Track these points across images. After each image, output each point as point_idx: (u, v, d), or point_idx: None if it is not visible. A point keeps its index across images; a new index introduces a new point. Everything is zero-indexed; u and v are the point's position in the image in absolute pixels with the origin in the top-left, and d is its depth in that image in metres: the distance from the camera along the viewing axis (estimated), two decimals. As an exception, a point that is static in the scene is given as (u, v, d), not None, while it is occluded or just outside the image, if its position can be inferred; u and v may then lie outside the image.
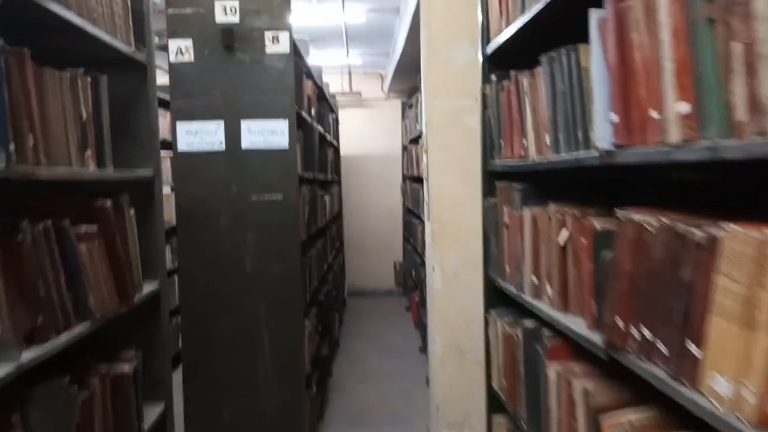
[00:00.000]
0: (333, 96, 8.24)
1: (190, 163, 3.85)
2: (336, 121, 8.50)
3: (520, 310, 2.52)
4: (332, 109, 7.54)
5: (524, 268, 2.28)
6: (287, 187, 3.84)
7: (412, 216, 8.19)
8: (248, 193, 3.84)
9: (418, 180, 7.58)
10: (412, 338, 7.37)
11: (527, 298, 2.24)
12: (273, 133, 3.84)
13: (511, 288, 2.56)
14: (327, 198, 5.98)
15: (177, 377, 3.75)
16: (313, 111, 5.01)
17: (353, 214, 10.04)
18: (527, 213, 2.20)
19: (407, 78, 8.50)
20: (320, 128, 5.62)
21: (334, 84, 9.12)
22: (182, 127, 3.84)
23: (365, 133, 10.06)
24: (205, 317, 3.85)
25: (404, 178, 9.69)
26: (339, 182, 8.89)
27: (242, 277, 3.85)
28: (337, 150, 8.58)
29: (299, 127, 4.27)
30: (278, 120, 3.84)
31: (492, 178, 3.14)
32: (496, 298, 3.05)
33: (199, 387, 3.86)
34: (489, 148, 3.18)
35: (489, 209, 3.10)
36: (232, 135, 3.84)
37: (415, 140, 7.25)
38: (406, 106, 8.47)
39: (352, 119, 9.89)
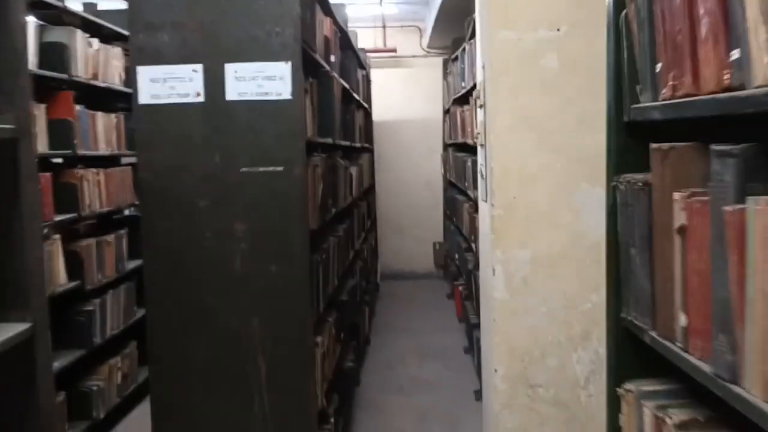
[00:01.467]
0: (363, 50, 7.08)
1: (155, 123, 2.76)
2: (367, 80, 7.34)
3: (681, 380, 1.33)
4: (362, 65, 6.38)
5: (736, 324, 0.99)
6: (290, 154, 2.74)
7: (456, 190, 7.03)
8: (236, 163, 2.75)
9: (464, 148, 6.41)
10: (456, 335, 6.27)
11: (750, 395, 0.96)
12: (270, 80, 2.72)
13: (687, 357, 1.18)
14: (353, 170, 4.86)
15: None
16: (332, 57, 3.88)
17: (387, 187, 8.91)
18: (758, 208, 0.93)
19: (450, 29, 7.28)
20: (344, 83, 4.48)
21: (365, 40, 7.95)
22: (145, 72, 2.75)
23: (401, 95, 8.88)
24: (179, 338, 2.80)
25: (445, 146, 8.51)
26: (371, 150, 7.76)
27: (229, 282, 2.78)
28: (368, 114, 7.44)
29: (310, 74, 3.14)
30: (277, 62, 2.72)
31: (633, 136, 1.80)
32: (632, 357, 1.61)
33: None
34: (627, 87, 1.94)
35: (628, 195, 1.51)
36: (214, 83, 2.74)
37: (461, 100, 6.07)
38: (449, 62, 7.27)
39: (386, 80, 8.71)
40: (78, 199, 3.93)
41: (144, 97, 2.75)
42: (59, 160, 4.13)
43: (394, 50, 8.57)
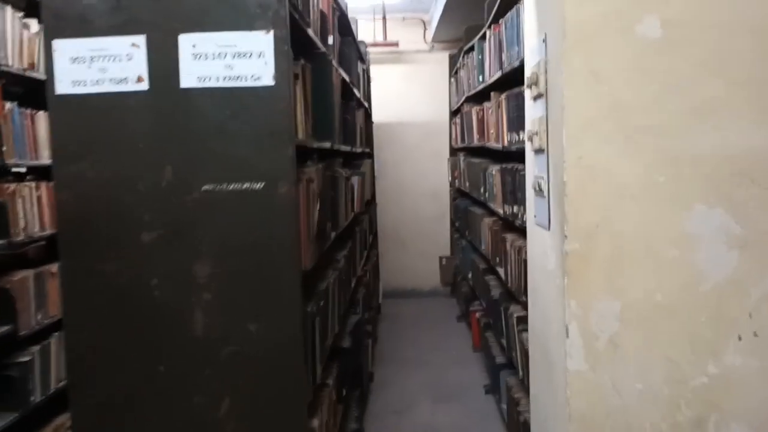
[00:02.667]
0: (363, 43, 6.25)
1: (79, 122, 1.93)
2: (367, 76, 6.51)
3: None
4: (362, 57, 5.55)
5: None
6: (274, 165, 1.91)
7: (468, 201, 6.21)
8: (196, 178, 1.92)
9: (480, 152, 5.59)
10: (473, 369, 5.44)
11: None
12: (243, 57, 1.90)
13: None
14: (355, 180, 4.02)
15: None
16: (330, 39, 3.05)
17: (388, 196, 8.08)
18: None
19: (460, 19, 6.47)
20: (344, 73, 3.65)
21: (363, 32, 7.13)
22: (63, 48, 1.92)
23: (403, 94, 8.05)
24: (117, 429, 1.95)
25: (453, 150, 7.69)
26: (371, 156, 6.93)
27: (188, 348, 1.94)
28: (368, 114, 6.61)
29: (301, 54, 2.31)
30: (254, 31, 1.89)
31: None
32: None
33: None
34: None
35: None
36: (163, 62, 1.92)
37: (477, 97, 5.25)
38: (460, 56, 6.46)
39: (387, 77, 7.89)
40: (7, 222, 3.08)
41: (63, 85, 1.92)
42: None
43: (396, 44, 7.75)
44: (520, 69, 3.01)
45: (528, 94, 2.33)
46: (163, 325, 1.94)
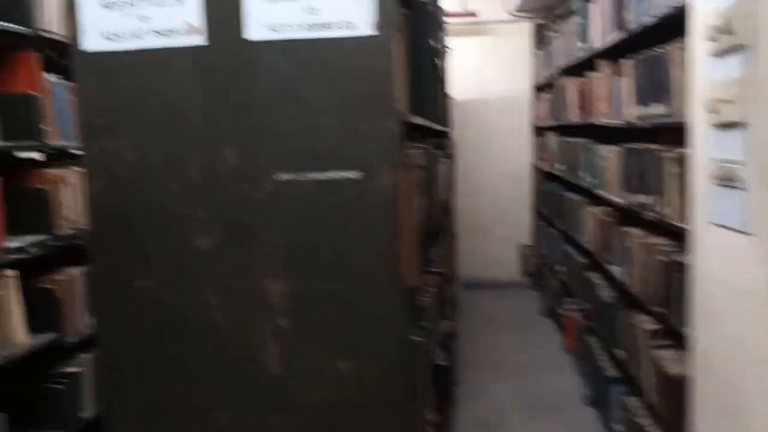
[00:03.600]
0: (441, 10, 5.66)
1: (115, 87, 1.45)
2: (444, 48, 5.92)
3: None
4: (441, 25, 4.96)
5: None
6: (373, 147, 1.39)
7: (561, 186, 5.57)
8: (266, 164, 1.42)
9: (578, 131, 4.94)
10: (566, 375, 4.85)
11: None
12: (331, -3, 1.37)
13: None
14: (445, 165, 3.47)
15: None
16: (425, -9, 2.50)
17: (465, 179, 7.48)
18: None
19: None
20: (432, 41, 3.08)
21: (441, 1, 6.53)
22: (93, -10, 1.44)
23: (480, 68, 7.41)
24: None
25: (538, 129, 7.03)
26: (449, 135, 6.35)
27: (255, 391, 1.45)
28: (446, 89, 6.02)
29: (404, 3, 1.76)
30: (346, -39, 1.36)
31: None
32: None
33: None
34: None
35: None
36: (223, 6, 1.40)
37: (573, 70, 4.61)
38: (552, 24, 5.80)
39: (463, 50, 7.26)
40: (48, 212, 2.67)
41: (91, 39, 1.44)
42: (27, 156, 2.89)
43: (474, 15, 7.11)
44: (656, 26, 2.40)
45: (706, 49, 1.73)
46: (225, 360, 1.46)
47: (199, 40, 1.41)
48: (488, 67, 7.43)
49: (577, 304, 4.87)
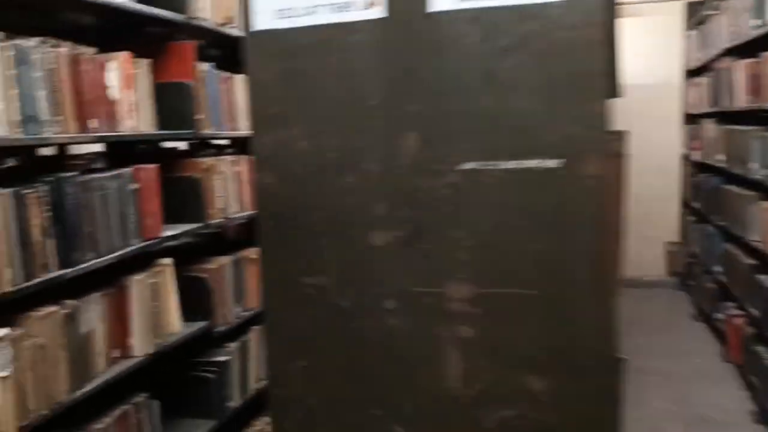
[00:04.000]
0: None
1: (289, 69, 1.34)
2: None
3: None
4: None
5: None
6: (578, 130, 1.19)
7: (721, 178, 5.07)
8: (453, 152, 1.26)
9: (732, 118, 4.45)
10: (726, 384, 4.41)
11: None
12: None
13: None
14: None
15: None
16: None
17: None
18: None
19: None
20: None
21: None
22: (266, -37, 1.33)
23: (625, 53, 6.92)
24: None
25: (691, 117, 6.48)
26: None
27: (435, 406, 1.31)
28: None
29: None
30: None
31: None
32: None
33: None
34: None
35: None
36: (406, -26, 1.25)
37: (742, 50, 4.13)
38: (703, 6, 5.28)
39: None
40: (202, 202, 2.66)
41: (263, 17, 1.33)
42: (175, 146, 2.91)
43: (619, -6, 6.63)
44: None
45: None
46: (401, 369, 1.31)
47: (378, 12, 1.26)
48: (634, 51, 6.92)
49: (740, 309, 4.40)
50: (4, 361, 1.73)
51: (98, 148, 2.74)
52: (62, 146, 2.71)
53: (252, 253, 3.08)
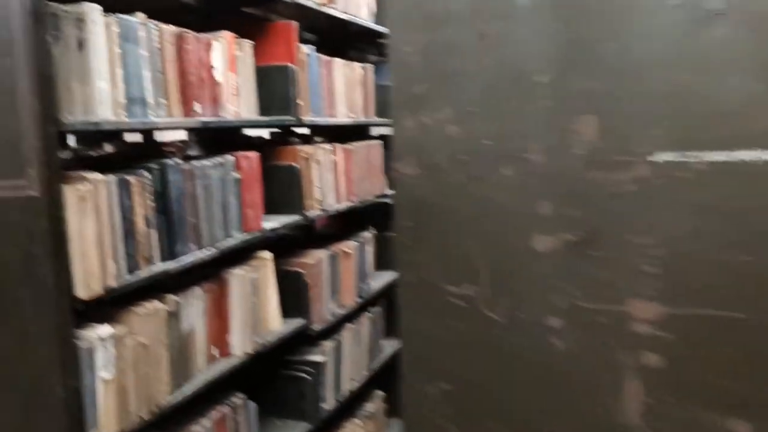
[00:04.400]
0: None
1: (440, 44, 1.14)
2: None
3: None
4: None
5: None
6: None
7: None
8: (640, 140, 1.02)
9: None
10: None
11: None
12: None
13: None
14: None
15: None
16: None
17: None
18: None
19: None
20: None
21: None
22: None
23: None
24: None
25: None
26: None
27: (610, 449, 1.08)
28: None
29: None
30: None
31: None
32: None
33: None
34: None
35: None
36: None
37: None
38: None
39: None
40: (301, 192, 2.51)
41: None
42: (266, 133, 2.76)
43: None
44: None
45: None
46: (564, 398, 1.10)
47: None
48: None
49: None
50: (106, 362, 1.62)
51: (182, 134, 2.62)
52: (148, 132, 2.60)
53: (347, 247, 2.92)
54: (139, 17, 1.78)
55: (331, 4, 2.70)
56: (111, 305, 1.72)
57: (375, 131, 3.60)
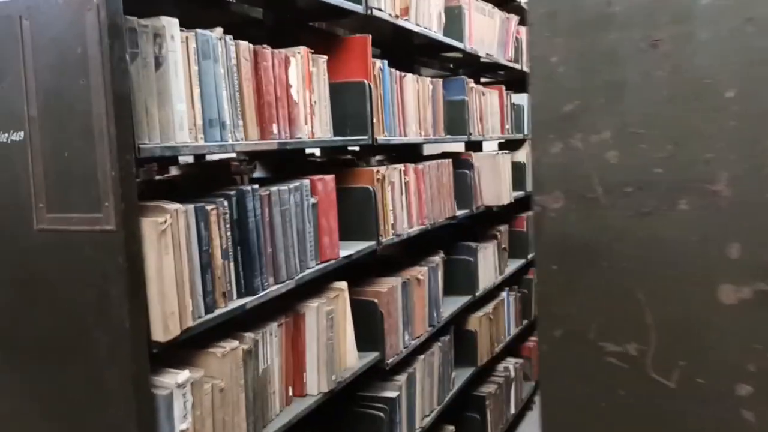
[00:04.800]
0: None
1: (597, 50, 0.95)
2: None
3: None
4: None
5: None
6: None
7: None
8: None
9: None
10: None
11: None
12: None
13: None
14: None
15: None
16: None
17: None
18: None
19: None
20: None
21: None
22: None
23: None
24: None
25: None
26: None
27: None
28: None
29: None
30: None
31: None
32: None
33: None
34: None
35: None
36: None
37: None
38: None
39: None
40: (378, 218, 2.35)
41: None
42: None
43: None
44: None
45: None
46: None
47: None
48: None
49: None
50: (183, 412, 1.46)
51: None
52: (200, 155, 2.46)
53: (419, 273, 2.74)
54: (217, 32, 1.64)
55: (405, 17, 2.54)
56: (186, 345, 1.57)
57: (438, 149, 3.44)
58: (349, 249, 2.20)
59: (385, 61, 2.47)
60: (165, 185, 2.09)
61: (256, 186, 1.75)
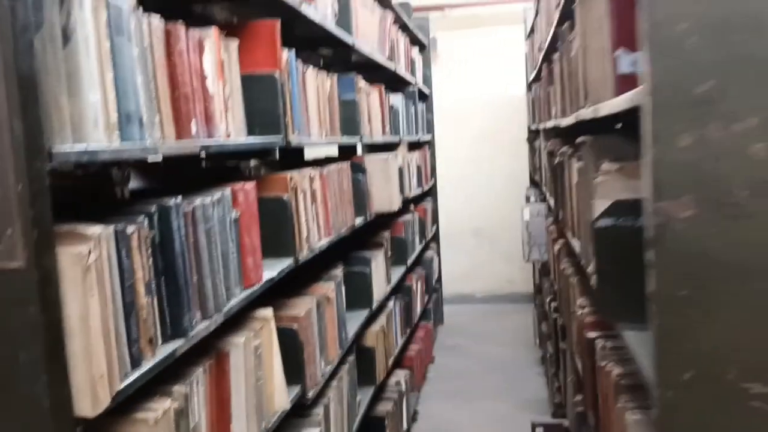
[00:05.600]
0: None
1: (729, 16, 0.75)
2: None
3: None
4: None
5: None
6: None
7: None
8: None
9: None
10: None
11: None
12: None
13: None
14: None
15: None
16: None
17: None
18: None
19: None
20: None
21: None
22: None
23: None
24: None
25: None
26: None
27: None
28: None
29: None
30: None
31: None
32: None
33: None
34: None
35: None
36: None
37: None
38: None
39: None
40: (294, 231, 2.04)
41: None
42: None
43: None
44: None
45: None
46: None
47: None
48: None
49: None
50: (122, 508, 1.08)
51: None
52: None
53: (328, 290, 2.46)
54: (127, 1, 1.26)
55: (310, 2, 2.25)
56: (109, 412, 1.18)
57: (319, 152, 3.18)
58: (271, 270, 1.87)
59: (293, 50, 2.16)
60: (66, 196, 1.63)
61: (179, 199, 1.38)
